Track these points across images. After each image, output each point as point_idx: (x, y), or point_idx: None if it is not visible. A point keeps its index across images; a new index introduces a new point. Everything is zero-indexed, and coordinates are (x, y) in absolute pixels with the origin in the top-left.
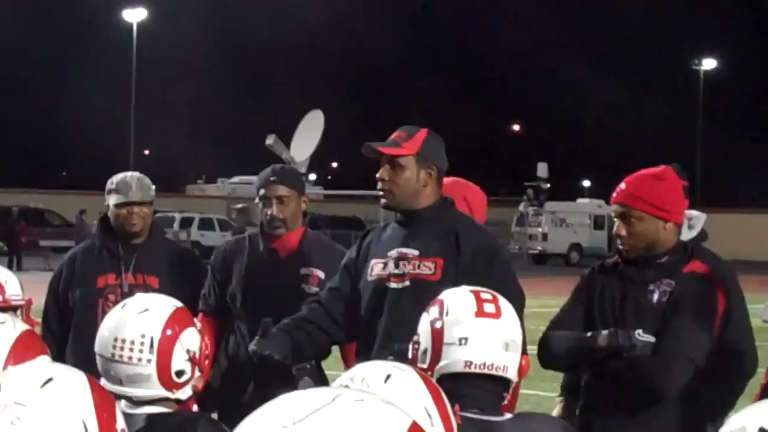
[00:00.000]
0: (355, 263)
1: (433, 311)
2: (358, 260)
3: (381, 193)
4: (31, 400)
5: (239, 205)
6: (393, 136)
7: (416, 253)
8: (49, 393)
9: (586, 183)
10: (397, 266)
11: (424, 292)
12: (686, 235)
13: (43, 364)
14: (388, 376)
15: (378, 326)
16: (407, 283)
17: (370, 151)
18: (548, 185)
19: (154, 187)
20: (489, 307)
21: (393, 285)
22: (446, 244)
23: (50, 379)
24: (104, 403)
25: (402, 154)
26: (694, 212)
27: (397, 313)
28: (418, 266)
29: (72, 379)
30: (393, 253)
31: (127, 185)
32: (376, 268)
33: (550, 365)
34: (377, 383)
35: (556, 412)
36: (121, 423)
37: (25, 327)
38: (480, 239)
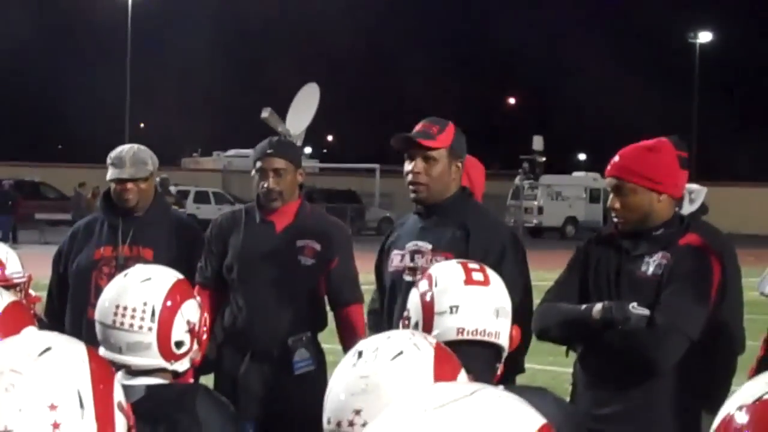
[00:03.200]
0: (380, 260)
1: (422, 285)
2: (383, 254)
3: (412, 186)
4: (27, 368)
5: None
6: (421, 127)
7: (429, 247)
8: (46, 362)
9: (582, 156)
10: (412, 259)
11: None
12: (687, 208)
13: (43, 333)
14: (400, 353)
15: (395, 317)
16: (420, 276)
17: (403, 141)
18: (544, 158)
19: (152, 159)
20: (477, 276)
21: (407, 278)
22: (456, 239)
23: (48, 348)
24: (102, 374)
25: (438, 147)
26: (694, 186)
27: None
28: (431, 260)
29: (70, 349)
30: (410, 245)
31: (122, 161)
32: (395, 259)
33: (545, 337)
34: (386, 360)
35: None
36: (119, 395)
37: (11, 298)
38: (492, 235)
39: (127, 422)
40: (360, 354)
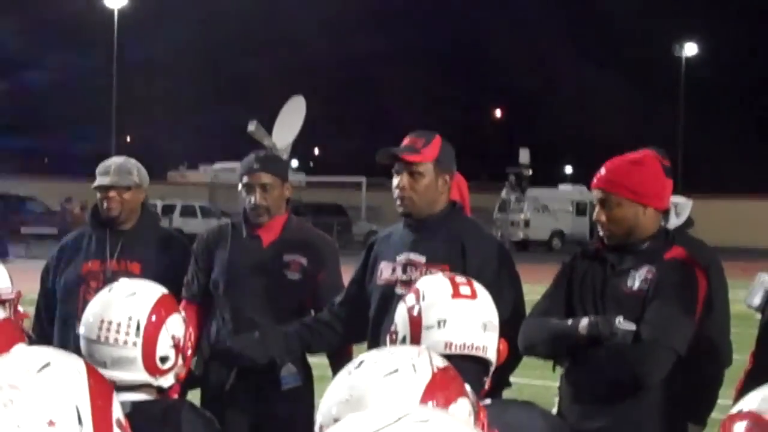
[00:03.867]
0: (364, 268)
1: (409, 299)
2: (368, 264)
3: (398, 201)
4: (26, 383)
5: None
6: (408, 141)
7: (423, 259)
8: (45, 378)
9: (568, 169)
10: (405, 272)
11: None
12: (673, 221)
13: (43, 348)
14: (394, 371)
15: (383, 330)
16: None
17: (387, 156)
18: (530, 171)
19: (139, 171)
20: (464, 289)
21: (400, 291)
22: (453, 251)
23: (47, 364)
24: (101, 390)
25: (422, 161)
26: (680, 199)
27: None
28: (425, 272)
29: (69, 365)
30: (401, 258)
31: (106, 169)
32: (385, 271)
33: (530, 352)
34: (378, 376)
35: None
36: (117, 412)
37: (1, 315)
38: (487, 248)
39: None
40: (360, 364)
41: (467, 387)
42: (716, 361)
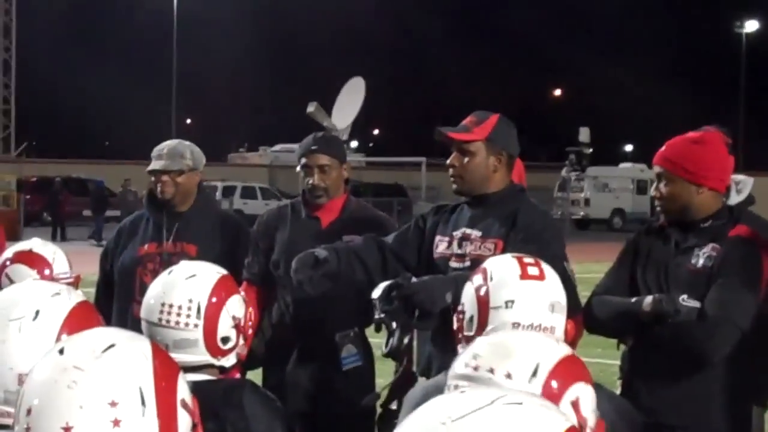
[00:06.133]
0: (424, 227)
1: (476, 279)
2: (427, 228)
3: (451, 179)
4: (90, 365)
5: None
6: (464, 121)
7: (479, 234)
8: (109, 359)
9: (629, 147)
10: (460, 246)
11: None
12: (734, 199)
13: (109, 330)
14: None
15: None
16: (468, 263)
17: (441, 136)
18: (590, 150)
19: (193, 154)
20: (533, 270)
21: (454, 264)
22: (506, 226)
23: (112, 345)
24: (165, 372)
25: (471, 140)
26: (741, 177)
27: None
28: (479, 247)
29: (134, 347)
30: (458, 233)
31: (159, 153)
32: (440, 245)
33: (596, 330)
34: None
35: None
36: (183, 393)
37: (79, 298)
38: (536, 217)
39: (192, 420)
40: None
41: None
42: None
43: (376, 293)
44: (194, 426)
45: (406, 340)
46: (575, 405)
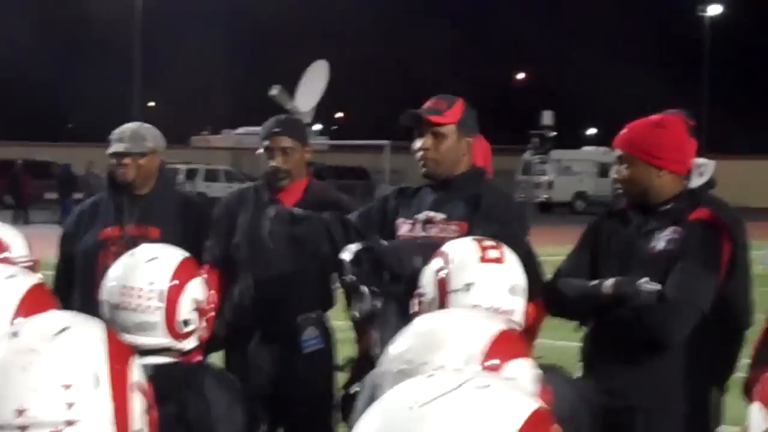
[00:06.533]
0: (386, 208)
1: (436, 262)
2: (389, 210)
3: (421, 162)
4: (44, 347)
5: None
6: (430, 104)
7: (443, 216)
8: (63, 341)
9: (592, 131)
10: (423, 229)
11: None
12: (696, 182)
13: (63, 313)
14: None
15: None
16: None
17: (411, 118)
18: (553, 133)
19: (154, 137)
20: (492, 253)
21: None
22: (470, 208)
23: (66, 328)
24: (119, 354)
25: (446, 123)
26: (703, 160)
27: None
28: (444, 230)
29: (87, 329)
30: (421, 216)
31: (120, 136)
32: (403, 228)
33: (557, 313)
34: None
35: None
36: (136, 376)
37: (34, 281)
38: (499, 198)
39: (146, 402)
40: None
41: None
42: (737, 321)
43: (346, 255)
44: (148, 408)
45: (378, 305)
46: None
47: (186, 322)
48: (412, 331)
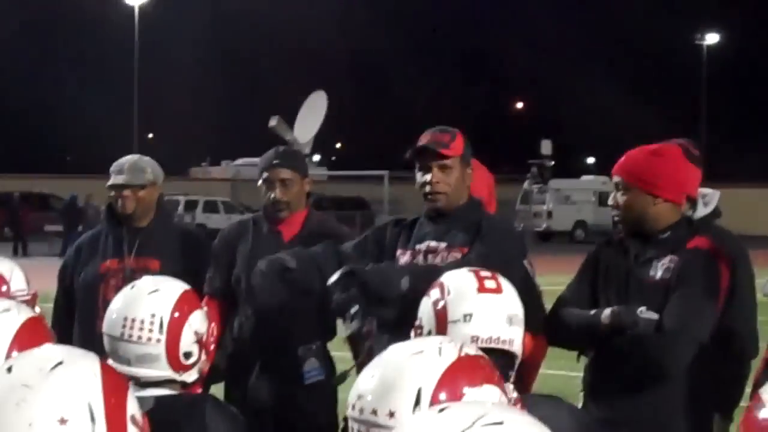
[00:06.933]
0: (383, 239)
1: (433, 293)
2: (387, 241)
3: (430, 196)
4: (38, 382)
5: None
6: (433, 137)
7: (445, 245)
8: (57, 376)
9: (591, 160)
10: (425, 259)
11: None
12: (701, 211)
13: (57, 347)
14: (419, 352)
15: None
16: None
17: (420, 152)
18: (552, 162)
19: (153, 169)
20: (490, 283)
21: None
22: (470, 235)
23: (60, 363)
24: (114, 388)
25: (453, 155)
26: (708, 190)
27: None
28: (446, 257)
29: (82, 363)
30: (422, 246)
31: (120, 168)
32: (401, 259)
33: (558, 343)
34: (405, 355)
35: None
36: (132, 408)
37: (30, 314)
38: (498, 225)
39: None
40: (391, 348)
41: (504, 382)
42: (741, 351)
43: (331, 280)
44: None
45: (365, 324)
46: None
47: (187, 355)
48: (367, 374)
